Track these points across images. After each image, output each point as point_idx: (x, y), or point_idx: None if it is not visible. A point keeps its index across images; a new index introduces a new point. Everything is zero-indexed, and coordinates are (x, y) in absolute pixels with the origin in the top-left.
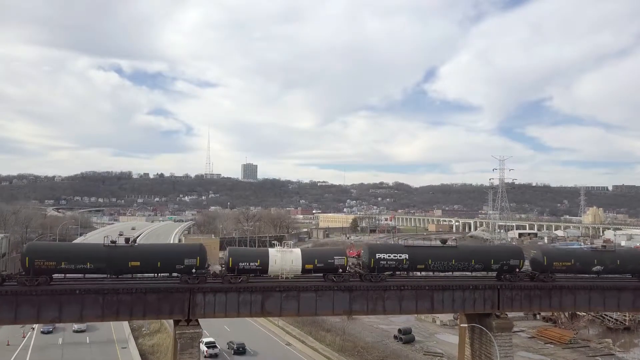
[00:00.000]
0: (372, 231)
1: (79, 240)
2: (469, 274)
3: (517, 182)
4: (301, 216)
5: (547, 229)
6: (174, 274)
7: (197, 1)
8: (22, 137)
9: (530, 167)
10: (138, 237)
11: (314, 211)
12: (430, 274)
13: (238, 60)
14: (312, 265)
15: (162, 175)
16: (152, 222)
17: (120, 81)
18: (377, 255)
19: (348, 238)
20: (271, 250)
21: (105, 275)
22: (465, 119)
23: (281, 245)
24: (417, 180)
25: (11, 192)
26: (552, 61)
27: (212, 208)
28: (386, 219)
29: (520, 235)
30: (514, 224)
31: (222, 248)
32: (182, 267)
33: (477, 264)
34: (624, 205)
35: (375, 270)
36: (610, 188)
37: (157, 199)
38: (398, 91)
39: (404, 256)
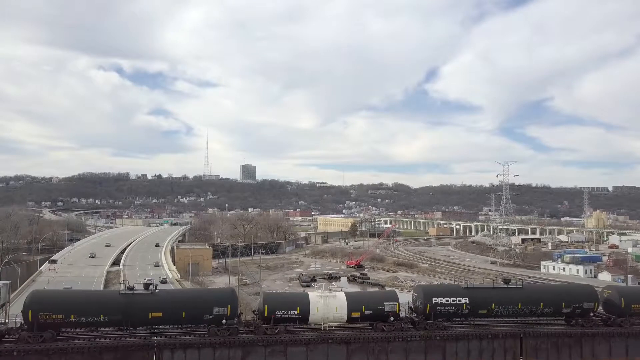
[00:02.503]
0: (372, 235)
1: (66, 250)
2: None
3: (517, 183)
4: (300, 218)
5: (549, 233)
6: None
7: (198, 0)
8: (21, 137)
9: (530, 167)
10: (125, 249)
11: (312, 213)
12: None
13: (239, 60)
14: (359, 313)
15: (160, 176)
16: (149, 225)
17: (120, 81)
18: (434, 300)
19: (347, 244)
20: (312, 296)
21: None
22: (466, 119)
23: (322, 289)
24: (417, 181)
25: (7, 194)
26: (553, 61)
27: (210, 210)
28: (386, 222)
29: (523, 240)
30: (515, 228)
31: (216, 257)
32: (210, 317)
33: (546, 307)
34: (625, 207)
35: (431, 317)
36: (610, 189)
37: (155, 201)
38: (399, 91)
39: (464, 300)
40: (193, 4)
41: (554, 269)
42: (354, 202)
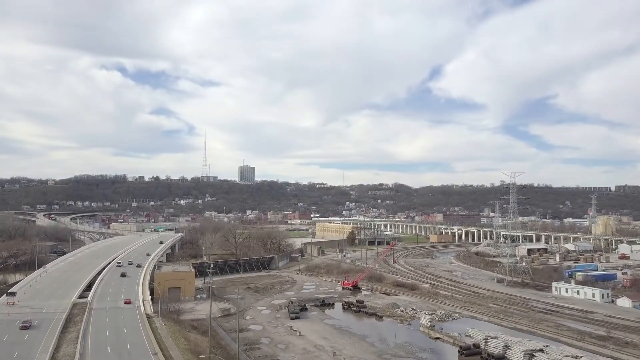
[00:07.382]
0: (371, 243)
1: (37, 273)
2: None
3: (518, 184)
4: (299, 221)
5: (555, 240)
6: None
7: None
8: (22, 137)
9: (531, 167)
10: (102, 269)
11: (312, 215)
12: None
13: (242, 59)
14: None
15: (157, 178)
16: (143, 230)
17: (123, 80)
18: None
19: (344, 255)
20: None
21: None
22: (469, 117)
23: None
24: (418, 180)
25: (2, 197)
26: (558, 59)
27: (207, 213)
28: (386, 226)
29: (529, 251)
30: (519, 234)
31: (203, 274)
32: None
33: None
34: (628, 207)
35: None
36: (612, 188)
37: (152, 203)
38: (402, 89)
39: None
40: (196, 3)
41: (566, 291)
42: (353, 204)
